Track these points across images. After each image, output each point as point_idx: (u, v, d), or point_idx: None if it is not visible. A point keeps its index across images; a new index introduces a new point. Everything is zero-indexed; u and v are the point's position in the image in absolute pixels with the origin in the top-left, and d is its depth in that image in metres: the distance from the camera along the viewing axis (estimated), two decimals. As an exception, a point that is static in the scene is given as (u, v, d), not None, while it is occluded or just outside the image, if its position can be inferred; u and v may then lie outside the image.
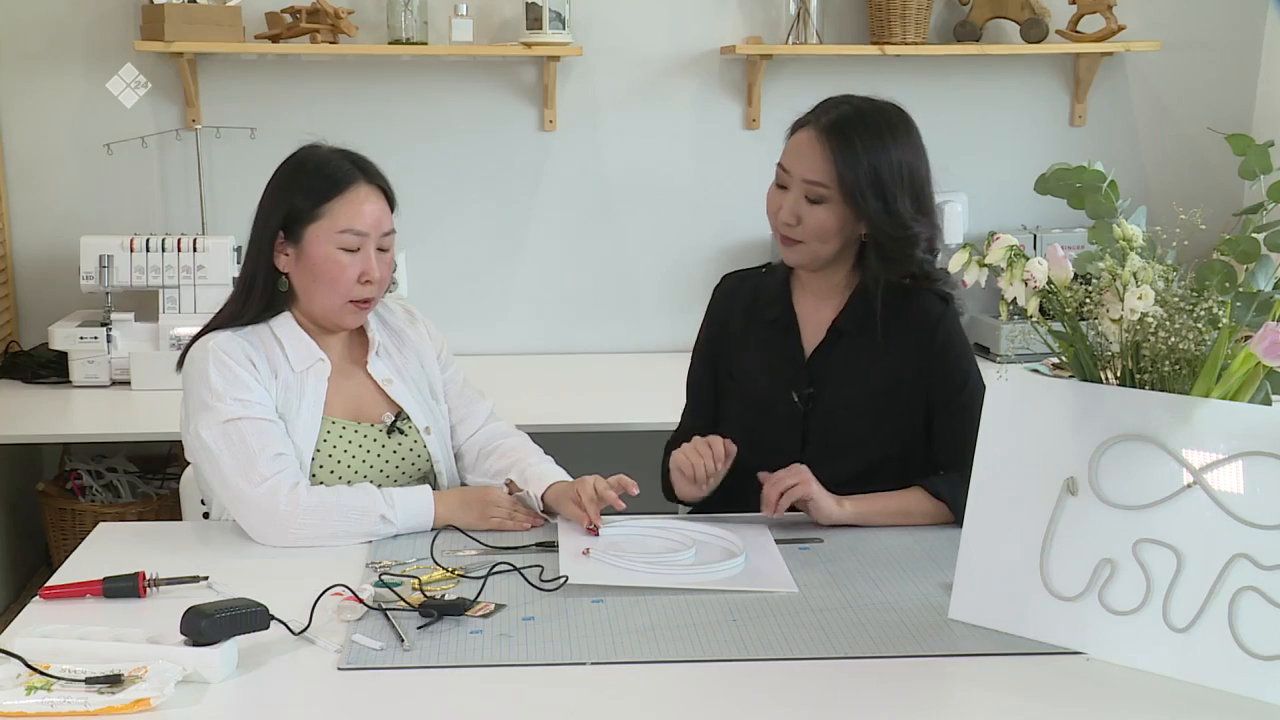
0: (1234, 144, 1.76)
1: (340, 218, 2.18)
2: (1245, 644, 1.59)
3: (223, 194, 3.80)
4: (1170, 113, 4.08)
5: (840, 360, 2.27)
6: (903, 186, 2.15)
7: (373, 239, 2.20)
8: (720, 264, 2.52)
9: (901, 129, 2.19)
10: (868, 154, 2.14)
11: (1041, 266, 1.73)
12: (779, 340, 2.30)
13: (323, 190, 2.19)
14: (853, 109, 2.19)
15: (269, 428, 2.14)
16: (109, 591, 1.86)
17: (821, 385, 2.27)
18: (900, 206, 2.15)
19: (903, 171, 2.16)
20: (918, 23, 3.77)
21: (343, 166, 2.22)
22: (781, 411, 2.28)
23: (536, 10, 3.64)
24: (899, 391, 2.25)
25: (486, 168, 3.92)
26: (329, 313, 2.23)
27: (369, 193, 2.21)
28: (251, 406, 2.13)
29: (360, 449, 2.24)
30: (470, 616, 1.80)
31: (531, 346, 4.01)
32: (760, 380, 2.31)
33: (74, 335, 3.49)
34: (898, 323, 2.24)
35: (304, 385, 2.21)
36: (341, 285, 2.19)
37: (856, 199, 2.14)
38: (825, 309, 2.29)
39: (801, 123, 2.22)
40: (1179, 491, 1.65)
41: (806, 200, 2.17)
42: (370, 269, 2.19)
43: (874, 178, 2.13)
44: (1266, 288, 1.70)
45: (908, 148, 2.18)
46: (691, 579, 1.94)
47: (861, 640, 1.74)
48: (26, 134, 3.77)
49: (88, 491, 3.62)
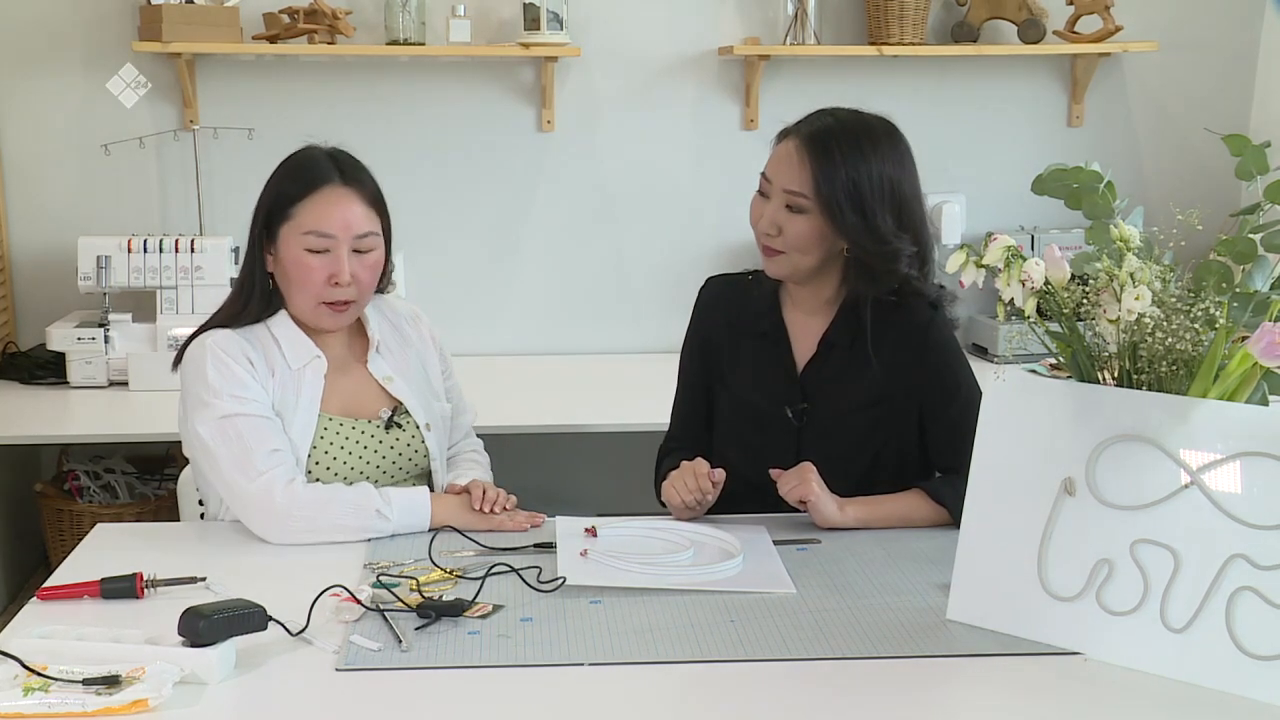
0: (1231, 145, 1.76)
1: (306, 219, 2.18)
2: (1242, 644, 1.59)
3: (220, 195, 3.80)
4: (1167, 113, 4.09)
5: (833, 374, 2.26)
6: (883, 201, 2.12)
7: (342, 241, 2.18)
8: (718, 264, 2.52)
9: (886, 143, 2.15)
10: (846, 165, 2.10)
11: (1039, 267, 1.73)
12: (770, 354, 2.30)
13: (293, 192, 2.20)
14: (836, 121, 2.17)
15: (265, 424, 2.14)
16: (106, 592, 1.86)
17: (815, 399, 2.27)
18: (880, 221, 2.11)
19: (884, 185, 2.12)
20: (915, 23, 3.77)
21: (319, 168, 2.21)
22: (776, 425, 2.28)
23: (534, 11, 3.65)
24: (892, 401, 2.25)
25: (484, 168, 3.91)
26: (304, 314, 2.24)
27: (340, 194, 2.20)
28: (248, 403, 2.14)
29: (358, 445, 2.25)
30: (468, 617, 1.80)
31: (529, 347, 4.01)
32: (753, 394, 2.31)
33: (71, 336, 3.49)
34: (888, 333, 2.23)
35: (301, 383, 2.22)
36: (309, 287, 2.20)
37: (834, 212, 2.11)
38: (815, 322, 2.28)
39: (786, 132, 2.21)
40: (1176, 492, 1.65)
41: (787, 210, 2.16)
42: (339, 271, 2.18)
43: (852, 190, 2.10)
44: (1263, 288, 1.70)
45: (890, 162, 2.14)
46: (689, 580, 1.94)
47: (859, 641, 1.74)
48: (24, 134, 3.77)
49: (85, 492, 3.62)
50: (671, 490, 2.19)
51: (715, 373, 2.36)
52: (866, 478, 2.24)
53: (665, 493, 2.22)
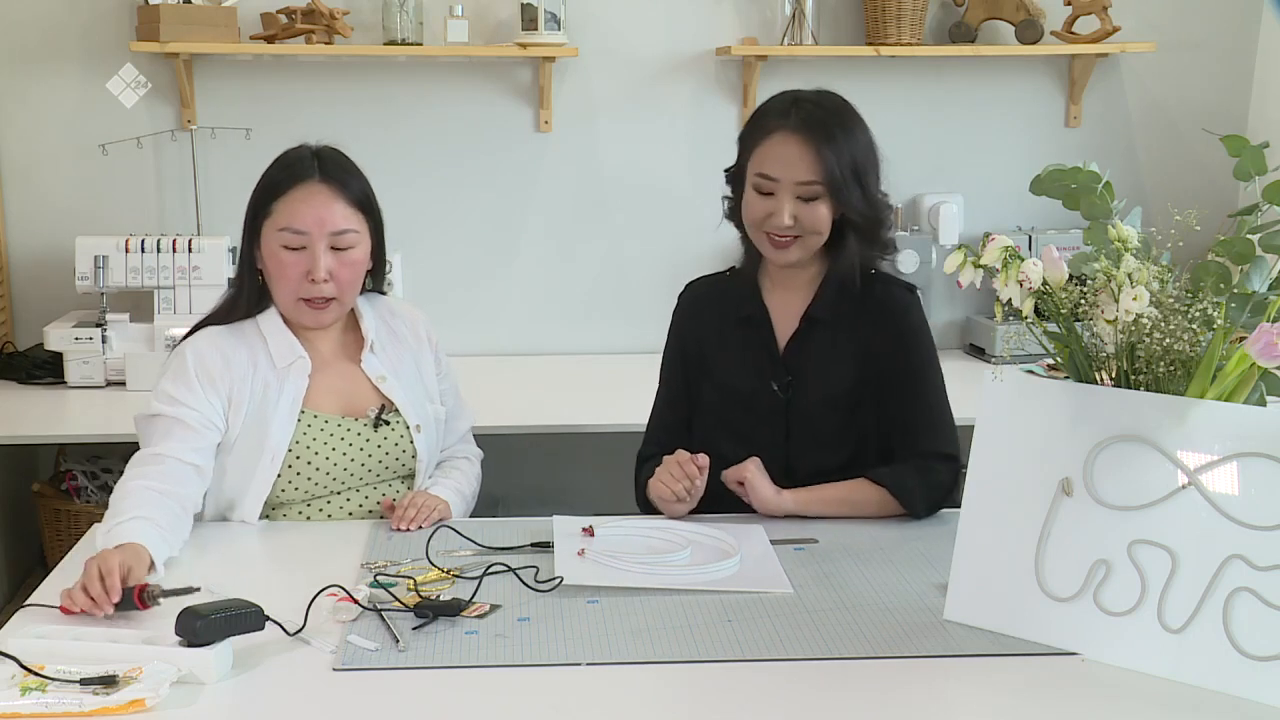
0: (1229, 145, 1.77)
1: (281, 216, 2.20)
2: (1240, 645, 1.60)
3: (218, 195, 3.79)
4: (1165, 114, 4.09)
5: (815, 348, 2.29)
6: (870, 168, 2.23)
7: (318, 238, 2.19)
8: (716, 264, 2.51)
9: (853, 113, 2.26)
10: (846, 146, 2.20)
11: (1036, 268, 1.73)
12: (753, 336, 2.33)
13: (273, 189, 2.23)
14: (815, 105, 2.23)
15: (178, 427, 2.16)
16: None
17: (799, 374, 2.29)
18: (874, 189, 2.23)
19: (868, 154, 2.23)
20: (913, 24, 3.76)
21: (298, 165, 2.23)
22: (763, 405, 2.29)
23: (532, 11, 3.64)
24: (874, 376, 2.28)
25: (482, 168, 3.91)
26: (286, 310, 2.27)
27: (316, 191, 2.21)
28: (179, 407, 2.17)
29: (342, 442, 2.25)
30: (465, 617, 1.80)
31: (526, 347, 4.00)
32: (739, 377, 2.32)
33: (69, 336, 3.48)
34: (868, 310, 2.28)
35: (284, 381, 2.24)
36: (286, 284, 2.22)
37: (842, 190, 2.18)
38: (796, 301, 2.32)
39: (770, 124, 2.22)
40: (1174, 492, 1.65)
41: (800, 200, 2.19)
42: (315, 268, 2.19)
43: (853, 167, 2.19)
44: (1261, 289, 1.70)
45: (864, 130, 2.25)
46: (686, 580, 1.94)
47: (856, 641, 1.74)
48: (22, 134, 3.76)
49: (83, 492, 3.61)
50: (660, 485, 2.20)
51: (701, 372, 2.37)
52: (853, 457, 2.28)
53: (653, 489, 2.22)
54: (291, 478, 2.23)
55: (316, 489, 2.26)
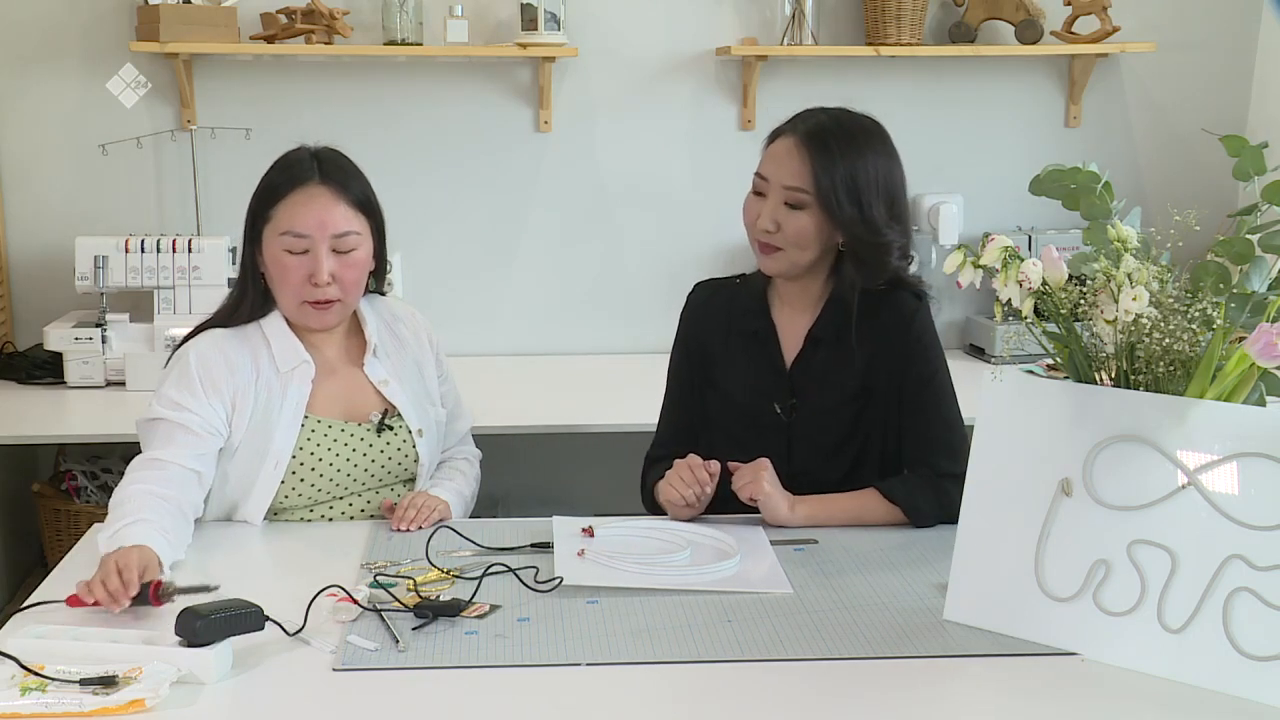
0: (1228, 145, 1.77)
1: (282, 219, 2.20)
2: (1240, 645, 1.60)
3: (218, 195, 3.79)
4: (1165, 114, 4.09)
5: (820, 369, 2.28)
6: (877, 194, 2.17)
7: (319, 240, 2.19)
8: (715, 265, 2.52)
9: (877, 139, 2.22)
10: (844, 160, 2.16)
11: (1036, 268, 1.73)
12: (759, 352, 2.31)
13: (272, 193, 2.22)
14: (830, 117, 2.22)
15: (180, 432, 2.14)
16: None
17: (803, 394, 2.28)
18: (875, 213, 2.17)
19: (878, 179, 2.18)
20: (913, 24, 3.76)
21: (298, 168, 2.22)
22: (766, 421, 2.29)
23: (532, 11, 3.64)
24: (878, 390, 2.27)
25: (482, 168, 3.91)
26: (290, 314, 2.26)
27: (316, 193, 2.20)
28: (181, 413, 2.16)
29: (345, 447, 2.25)
30: (465, 617, 1.80)
31: (526, 347, 4.00)
32: (743, 393, 2.32)
33: (69, 336, 3.48)
34: (873, 324, 2.26)
35: (287, 386, 2.23)
36: (289, 287, 2.21)
37: (832, 205, 2.16)
38: (802, 319, 2.30)
39: (779, 132, 2.24)
40: (1174, 492, 1.65)
41: (786, 206, 2.19)
42: (317, 271, 2.19)
43: (850, 184, 2.16)
44: (1261, 289, 1.70)
45: (883, 156, 2.20)
46: (686, 580, 1.94)
47: (856, 641, 1.74)
48: (22, 134, 3.76)
49: (83, 492, 3.61)
50: (669, 489, 2.19)
51: (705, 376, 2.37)
52: (855, 469, 2.27)
53: (663, 492, 2.22)
54: (295, 484, 2.23)
55: (319, 495, 2.25)
